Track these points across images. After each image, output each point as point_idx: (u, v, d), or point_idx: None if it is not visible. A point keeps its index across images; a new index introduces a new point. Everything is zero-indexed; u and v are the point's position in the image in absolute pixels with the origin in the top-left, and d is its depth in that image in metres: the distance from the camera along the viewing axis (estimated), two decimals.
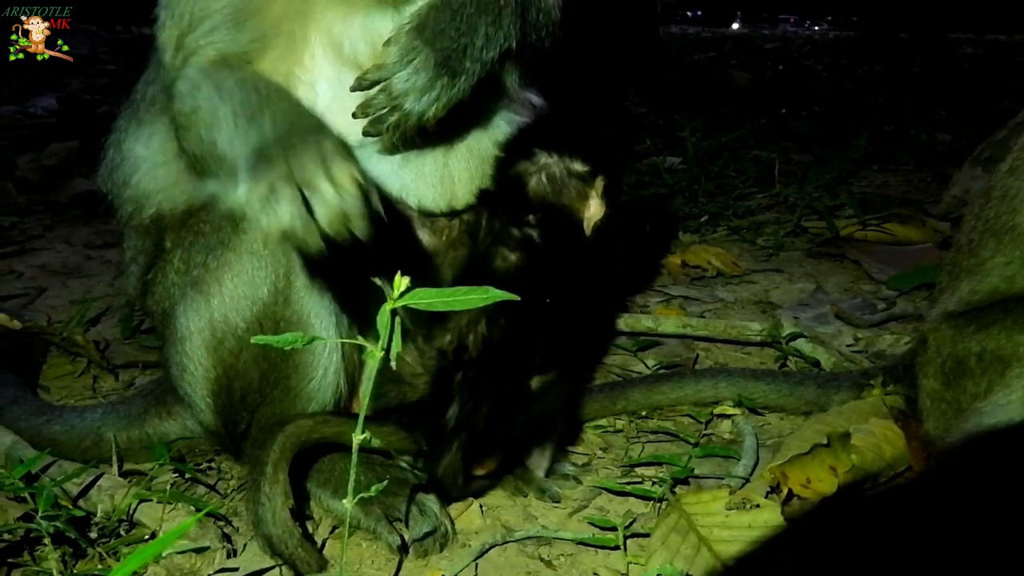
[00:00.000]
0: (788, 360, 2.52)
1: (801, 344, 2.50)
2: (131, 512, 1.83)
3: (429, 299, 1.08)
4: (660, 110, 6.10)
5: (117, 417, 2.11)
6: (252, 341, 1.41)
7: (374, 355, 1.07)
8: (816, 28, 24.70)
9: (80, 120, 6.25)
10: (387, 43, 1.65)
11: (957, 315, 1.81)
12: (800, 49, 14.87)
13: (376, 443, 1.80)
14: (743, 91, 7.84)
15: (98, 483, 1.94)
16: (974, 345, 1.74)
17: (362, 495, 1.21)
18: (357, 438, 1.14)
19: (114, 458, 2.01)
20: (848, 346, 2.57)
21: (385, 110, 1.65)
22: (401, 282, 1.06)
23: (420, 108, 1.64)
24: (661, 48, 9.27)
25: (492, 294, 1.08)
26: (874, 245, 3.50)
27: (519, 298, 1.09)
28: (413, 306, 1.07)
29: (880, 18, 14.74)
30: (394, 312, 1.06)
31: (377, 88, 1.64)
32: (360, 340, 1.11)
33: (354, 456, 1.16)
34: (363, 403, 1.21)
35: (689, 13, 28.68)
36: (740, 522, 1.73)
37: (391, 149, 1.75)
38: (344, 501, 1.63)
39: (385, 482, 1.32)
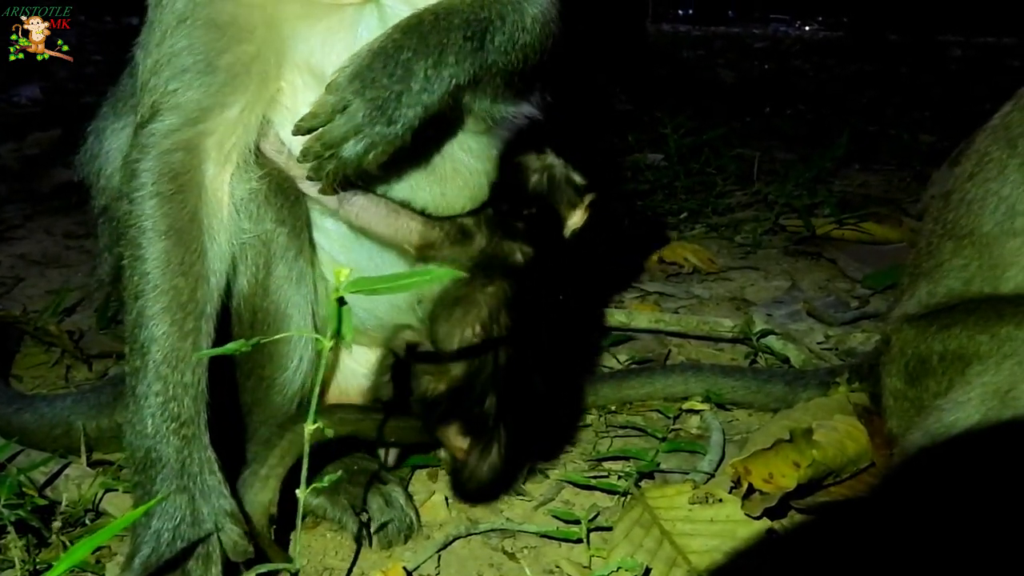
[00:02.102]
0: (759, 357, 2.54)
1: (772, 341, 2.52)
2: (97, 502, 1.84)
3: (373, 285, 1.09)
4: (646, 107, 6.10)
5: (87, 406, 2.10)
6: (193, 358, 1.47)
7: (323, 343, 1.07)
8: (807, 28, 24.73)
9: (63, 110, 6.22)
10: (327, 88, 1.61)
11: (918, 317, 1.83)
12: (789, 49, 14.86)
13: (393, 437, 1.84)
14: (729, 89, 7.84)
15: (65, 472, 1.95)
16: (937, 345, 1.77)
17: (315, 485, 1.22)
18: (309, 428, 1.14)
19: (82, 447, 2.01)
20: (819, 343, 2.59)
21: (323, 157, 1.62)
22: (343, 272, 1.07)
23: (356, 155, 1.61)
24: (649, 45, 9.27)
25: (435, 274, 1.09)
26: (851, 244, 3.52)
27: (464, 275, 1.08)
28: (357, 293, 1.08)
29: (869, 19, 14.78)
30: (341, 300, 1.06)
31: (313, 136, 1.61)
32: (313, 333, 1.11)
33: (306, 446, 1.16)
34: (313, 394, 1.21)
35: (681, 11, 28.71)
36: (703, 516, 1.74)
37: (331, 192, 1.73)
38: (309, 494, 1.66)
39: (340, 473, 1.33)
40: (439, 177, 1.83)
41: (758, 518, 1.72)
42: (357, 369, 1.96)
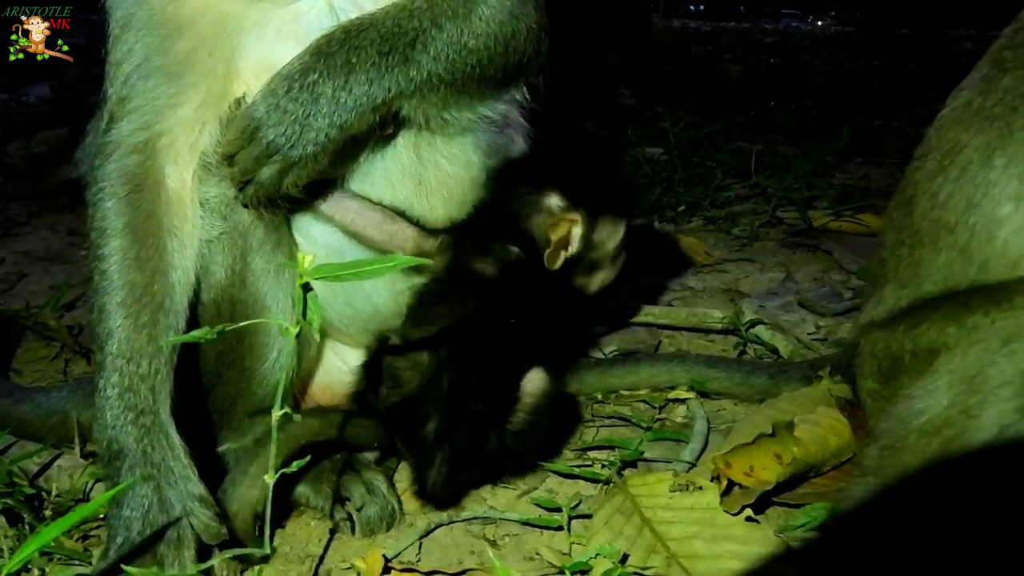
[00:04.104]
0: (748, 347, 2.55)
1: (760, 331, 2.52)
2: (88, 491, 1.86)
3: (337, 271, 1.11)
4: (649, 102, 6.11)
5: (82, 395, 2.12)
6: (165, 345, 1.53)
7: (290, 331, 1.09)
8: (819, 23, 24.60)
9: (72, 108, 6.28)
10: (240, 114, 1.63)
11: (887, 321, 1.82)
12: (799, 44, 14.83)
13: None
14: (735, 84, 7.83)
15: (57, 462, 1.98)
16: (908, 343, 1.75)
17: (284, 471, 1.24)
18: (276, 414, 1.16)
19: (75, 438, 2.03)
20: (809, 334, 2.59)
21: (243, 182, 1.64)
22: (307, 258, 1.09)
23: (271, 179, 1.62)
24: (655, 40, 9.26)
25: (399, 260, 1.11)
26: (849, 236, 3.52)
27: (430, 261, 1.09)
28: (322, 279, 1.09)
29: (880, 14, 14.71)
30: (306, 286, 1.08)
31: (230, 162, 1.64)
32: (279, 321, 1.13)
33: (274, 432, 1.18)
34: (281, 379, 1.23)
35: (692, 7, 28.63)
36: (683, 504, 1.75)
37: (263, 212, 1.73)
38: (298, 486, 1.68)
39: (307, 458, 1.35)
40: (426, 191, 1.84)
41: (737, 513, 1.73)
42: (342, 367, 1.98)
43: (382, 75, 1.61)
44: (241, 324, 1.36)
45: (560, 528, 1.74)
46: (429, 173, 1.84)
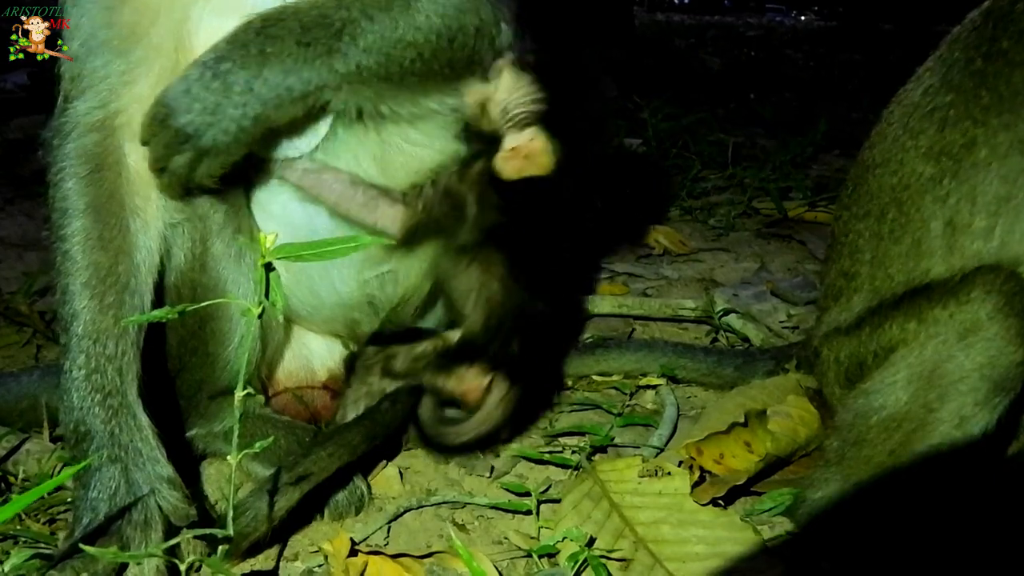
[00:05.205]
0: (720, 335, 2.56)
1: (732, 320, 2.54)
2: (55, 475, 1.85)
3: (299, 251, 1.11)
4: (629, 94, 6.12)
5: (52, 380, 2.10)
6: (120, 325, 1.51)
7: (252, 311, 1.09)
8: (802, 18, 24.64)
9: (50, 96, 6.21)
10: (155, 100, 1.59)
11: (853, 326, 1.82)
12: (781, 38, 14.86)
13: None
14: (716, 76, 7.87)
15: (25, 446, 1.97)
16: (871, 344, 1.75)
17: (246, 451, 1.24)
18: (239, 395, 1.16)
19: (45, 422, 2.02)
20: (780, 322, 2.62)
21: (159, 171, 1.62)
22: (269, 238, 1.09)
23: (183, 168, 1.59)
24: (635, 33, 9.28)
25: (361, 241, 1.11)
26: (823, 226, 3.53)
27: (388, 242, 1.08)
28: (284, 258, 1.09)
29: (864, 9, 14.78)
30: (268, 266, 1.08)
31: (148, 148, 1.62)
32: (234, 299, 1.13)
33: (236, 412, 1.18)
34: (243, 360, 1.23)
35: (676, 1, 28.62)
36: (651, 489, 1.76)
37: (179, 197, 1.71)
38: (260, 465, 1.67)
39: (271, 438, 1.34)
40: (391, 173, 1.83)
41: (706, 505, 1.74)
42: (306, 353, 1.99)
43: (300, 66, 1.56)
44: (204, 304, 1.35)
45: (529, 512, 1.75)
46: (393, 154, 1.82)
